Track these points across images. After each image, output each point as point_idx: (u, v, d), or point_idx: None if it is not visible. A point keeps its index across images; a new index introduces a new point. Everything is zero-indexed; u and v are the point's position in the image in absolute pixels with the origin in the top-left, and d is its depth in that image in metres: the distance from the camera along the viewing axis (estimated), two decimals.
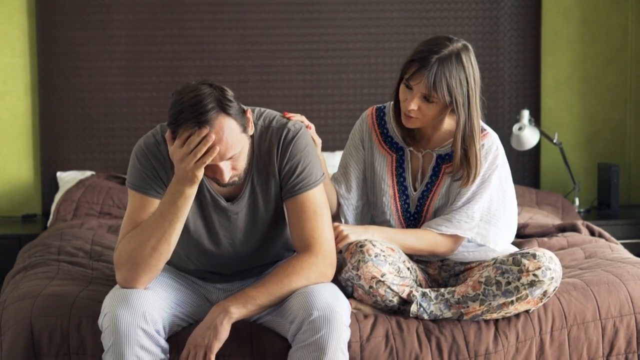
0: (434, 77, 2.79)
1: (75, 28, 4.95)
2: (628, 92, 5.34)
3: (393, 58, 5.12)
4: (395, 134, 3.02)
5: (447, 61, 2.81)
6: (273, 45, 5.07)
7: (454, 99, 2.82)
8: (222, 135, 2.52)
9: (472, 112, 2.86)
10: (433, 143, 3.00)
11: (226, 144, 2.53)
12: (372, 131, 3.04)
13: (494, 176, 2.95)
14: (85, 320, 2.74)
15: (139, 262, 2.60)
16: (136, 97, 5.00)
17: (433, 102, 2.83)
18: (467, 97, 2.84)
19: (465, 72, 2.83)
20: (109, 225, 4.13)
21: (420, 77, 2.80)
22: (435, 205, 3.00)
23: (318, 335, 2.54)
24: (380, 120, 3.05)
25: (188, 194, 2.58)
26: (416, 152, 3.01)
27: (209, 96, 2.52)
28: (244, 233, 2.80)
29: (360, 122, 3.08)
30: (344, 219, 3.07)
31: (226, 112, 2.53)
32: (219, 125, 2.51)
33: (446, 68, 2.80)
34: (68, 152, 5.01)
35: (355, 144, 3.07)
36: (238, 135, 2.56)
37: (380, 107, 3.07)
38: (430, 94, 2.81)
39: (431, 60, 2.80)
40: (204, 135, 2.49)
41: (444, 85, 2.80)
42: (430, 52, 2.81)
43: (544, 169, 5.34)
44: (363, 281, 2.78)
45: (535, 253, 2.78)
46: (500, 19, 5.15)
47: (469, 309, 2.80)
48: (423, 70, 2.80)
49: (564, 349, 2.84)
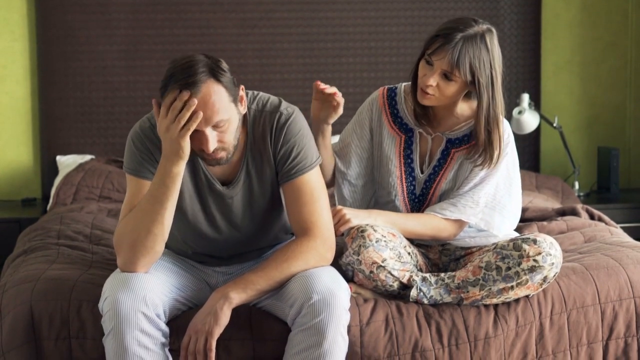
0: (458, 54, 2.77)
1: (75, 12, 4.94)
2: (628, 76, 5.33)
3: (393, 42, 5.11)
4: (405, 115, 3.01)
5: (472, 40, 2.79)
6: (272, 29, 5.06)
7: (476, 79, 2.80)
8: (209, 98, 2.51)
9: (495, 94, 2.84)
10: (444, 126, 2.99)
11: (212, 107, 2.51)
12: (382, 111, 3.03)
13: (502, 164, 2.94)
14: (86, 304, 2.74)
15: (136, 245, 2.60)
16: (136, 80, 5.00)
17: (452, 80, 2.81)
18: (490, 78, 2.82)
19: (490, 54, 2.81)
20: (108, 209, 4.13)
21: (443, 52, 2.78)
22: (441, 189, 2.99)
23: (318, 319, 2.54)
24: (391, 101, 3.03)
25: (176, 172, 2.56)
26: (426, 135, 3.00)
27: (201, 62, 2.53)
28: (241, 217, 2.81)
29: (370, 102, 3.06)
30: (337, 195, 3.07)
31: (216, 78, 2.53)
32: (207, 88, 2.51)
33: (470, 47, 2.78)
34: (68, 136, 5.00)
35: (360, 121, 3.06)
36: (227, 103, 2.55)
37: (392, 88, 3.06)
38: (452, 70, 2.79)
39: (456, 37, 2.78)
40: (185, 99, 2.48)
41: (467, 64, 2.78)
42: (456, 30, 2.79)
43: (544, 152, 5.33)
44: (364, 266, 2.79)
45: (536, 238, 2.78)
46: (500, 2, 5.13)
47: (469, 294, 2.80)
48: (447, 46, 2.78)
49: (564, 333, 2.85)
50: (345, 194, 3.07)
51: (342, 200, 3.09)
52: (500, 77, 2.87)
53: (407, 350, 2.75)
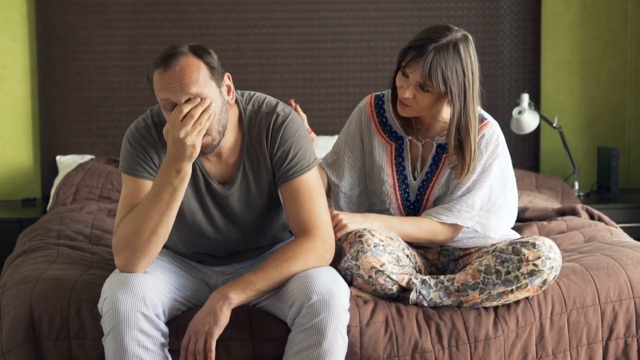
0: (429, 66, 2.76)
1: (75, 12, 4.94)
2: (628, 76, 5.33)
3: (393, 42, 5.10)
4: (394, 123, 3.00)
5: (444, 51, 2.77)
6: (272, 29, 5.06)
7: (448, 89, 2.78)
8: (187, 69, 2.57)
9: (467, 103, 2.82)
10: (433, 132, 2.98)
11: (190, 76, 2.56)
12: (371, 120, 3.02)
13: (494, 165, 2.93)
14: (85, 304, 2.74)
15: (138, 246, 2.60)
16: (136, 80, 5.00)
17: (428, 91, 2.80)
18: (463, 87, 2.80)
19: (462, 63, 2.79)
20: (108, 209, 4.14)
21: (416, 65, 2.78)
22: (435, 194, 2.98)
23: (317, 319, 2.54)
24: (379, 109, 3.02)
25: (186, 171, 2.59)
26: (416, 141, 2.99)
27: (187, 45, 2.62)
28: (239, 216, 2.81)
29: (359, 111, 3.05)
30: (335, 206, 3.06)
31: (197, 54, 2.59)
32: (186, 61, 2.58)
33: (442, 57, 2.76)
34: (68, 136, 5.00)
35: (351, 132, 3.04)
36: (206, 78, 2.59)
37: (379, 95, 3.04)
38: (425, 83, 2.78)
39: (428, 48, 2.76)
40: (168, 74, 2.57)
41: (439, 75, 2.76)
42: (428, 41, 2.77)
43: (544, 152, 5.33)
44: (362, 271, 2.78)
45: (535, 242, 2.77)
46: (500, 2, 5.13)
47: (469, 297, 2.80)
48: (419, 58, 2.77)
49: (564, 334, 2.85)
50: (342, 205, 3.06)
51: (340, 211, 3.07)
52: (476, 83, 2.84)
53: (407, 352, 2.75)
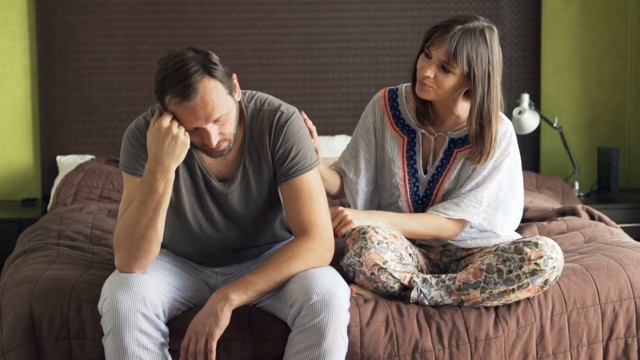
0: (455, 44, 2.77)
1: (75, 12, 4.94)
2: (628, 76, 5.33)
3: (393, 42, 5.10)
4: (407, 116, 3.00)
5: (471, 33, 2.79)
6: (272, 29, 5.06)
7: (472, 71, 2.79)
8: (207, 97, 2.54)
9: (491, 90, 2.83)
10: (446, 126, 2.98)
11: (212, 105, 2.54)
12: (385, 113, 3.02)
13: (505, 163, 2.94)
14: (85, 305, 2.74)
15: (131, 249, 2.62)
16: (136, 80, 5.00)
17: (450, 71, 2.80)
18: (486, 73, 2.81)
19: (488, 49, 2.81)
20: (108, 209, 4.13)
21: (441, 42, 2.78)
22: (444, 189, 2.98)
23: (317, 319, 2.54)
24: (393, 102, 3.03)
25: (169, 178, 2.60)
26: (428, 135, 2.99)
27: (193, 59, 2.56)
28: (239, 213, 2.81)
29: (373, 104, 3.05)
30: (352, 204, 3.06)
31: (211, 75, 2.55)
32: (203, 88, 2.53)
33: (469, 39, 2.78)
34: (68, 136, 5.00)
35: (366, 126, 3.05)
36: (224, 96, 2.58)
37: (393, 89, 3.05)
38: (449, 61, 2.78)
39: (455, 28, 2.78)
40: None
41: (464, 55, 2.78)
42: (456, 22, 2.80)
43: (544, 152, 5.33)
44: (365, 268, 2.78)
45: (538, 242, 2.77)
46: (500, 2, 5.13)
47: (470, 296, 2.80)
48: (445, 36, 2.78)
49: (564, 334, 2.85)
50: (360, 204, 3.05)
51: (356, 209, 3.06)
52: (499, 76, 2.85)
53: (407, 351, 2.75)
